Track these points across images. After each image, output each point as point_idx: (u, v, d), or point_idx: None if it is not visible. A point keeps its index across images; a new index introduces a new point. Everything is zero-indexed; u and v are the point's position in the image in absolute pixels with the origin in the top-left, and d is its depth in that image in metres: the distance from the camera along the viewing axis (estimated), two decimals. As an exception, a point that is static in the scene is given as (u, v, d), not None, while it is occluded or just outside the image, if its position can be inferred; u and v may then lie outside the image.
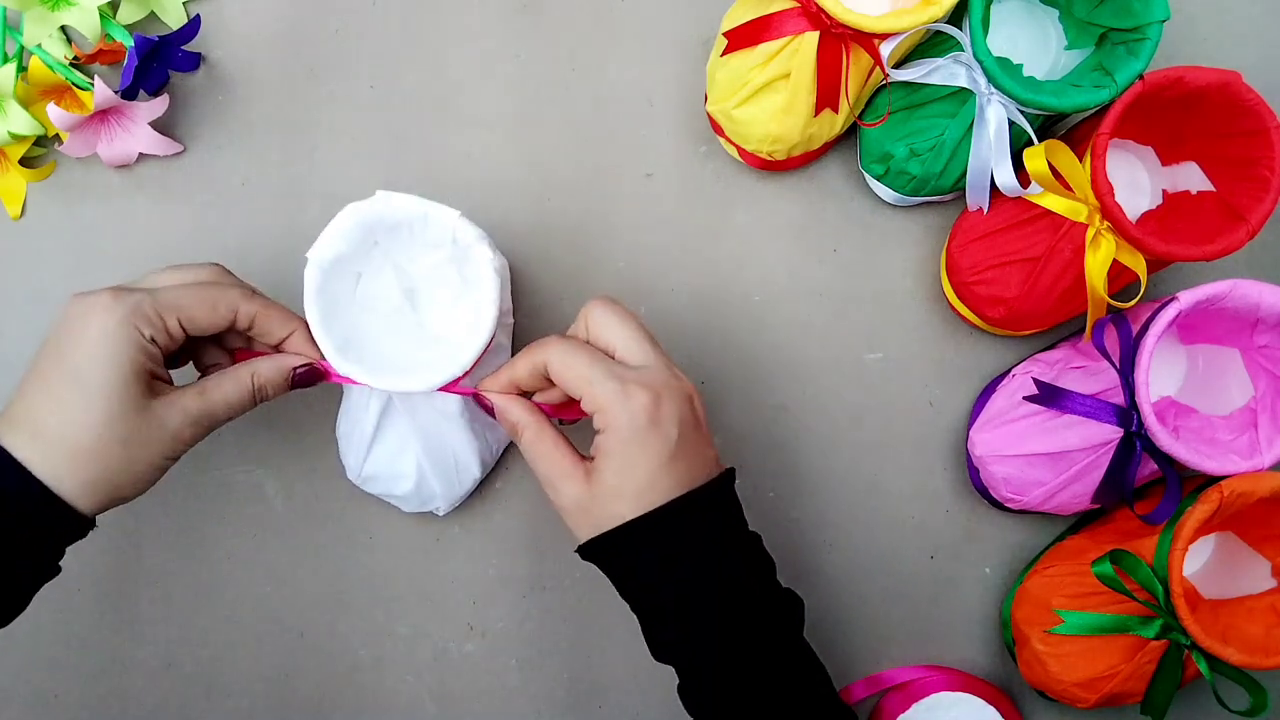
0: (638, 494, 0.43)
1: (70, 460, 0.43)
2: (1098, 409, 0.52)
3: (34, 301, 0.61)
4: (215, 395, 0.47)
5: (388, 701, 0.60)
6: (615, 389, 0.43)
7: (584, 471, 0.45)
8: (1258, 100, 0.48)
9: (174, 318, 0.45)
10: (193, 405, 0.46)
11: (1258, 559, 0.54)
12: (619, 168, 0.62)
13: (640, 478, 0.43)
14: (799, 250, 0.62)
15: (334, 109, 0.62)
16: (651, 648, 0.46)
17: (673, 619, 0.44)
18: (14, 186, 0.61)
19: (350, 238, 0.48)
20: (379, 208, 0.48)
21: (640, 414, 0.43)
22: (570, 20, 0.63)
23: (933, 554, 0.61)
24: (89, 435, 0.43)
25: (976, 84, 0.53)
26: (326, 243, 0.48)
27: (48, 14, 0.57)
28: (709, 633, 0.44)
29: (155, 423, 0.45)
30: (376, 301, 0.52)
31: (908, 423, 0.61)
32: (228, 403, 0.47)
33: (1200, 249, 0.49)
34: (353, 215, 0.48)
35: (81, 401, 0.43)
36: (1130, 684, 0.52)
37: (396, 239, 0.51)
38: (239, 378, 0.48)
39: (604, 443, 0.44)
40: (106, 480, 0.44)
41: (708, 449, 0.46)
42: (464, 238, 0.49)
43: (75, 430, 0.43)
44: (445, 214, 0.49)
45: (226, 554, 0.60)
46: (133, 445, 0.44)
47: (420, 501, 0.57)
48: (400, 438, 0.54)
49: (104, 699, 0.60)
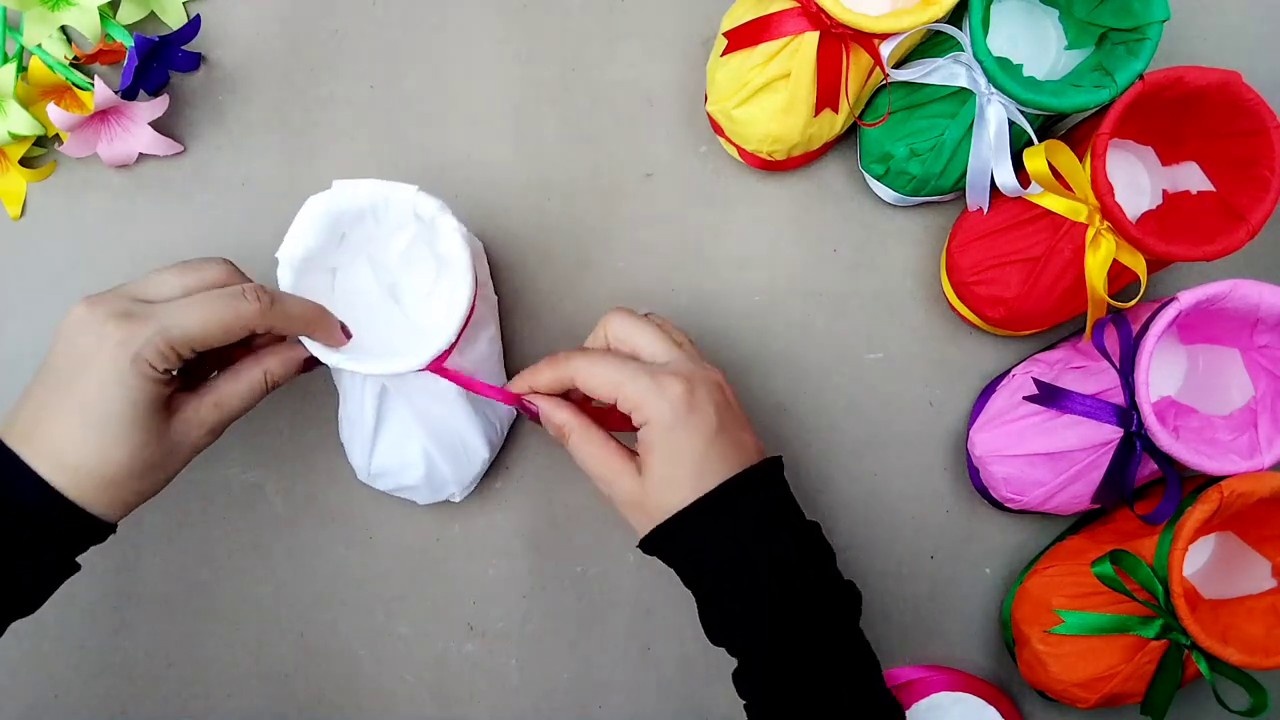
0: (688, 480, 0.44)
1: (99, 489, 0.44)
2: (1098, 409, 0.52)
3: (34, 301, 0.61)
4: (231, 402, 0.47)
5: (388, 701, 0.60)
6: (648, 383, 0.44)
7: (635, 466, 0.46)
8: (1258, 100, 0.48)
9: (187, 349, 0.44)
10: (209, 417, 0.47)
11: (1258, 559, 0.54)
12: (619, 168, 0.62)
13: (688, 464, 0.44)
14: (799, 250, 0.62)
15: (334, 109, 0.62)
16: (707, 630, 0.47)
17: (726, 600, 0.45)
18: (14, 186, 0.61)
19: (316, 231, 0.48)
20: (339, 196, 0.48)
21: (679, 402, 0.44)
22: (570, 20, 0.63)
23: (933, 554, 0.61)
24: (115, 469, 0.44)
25: (976, 84, 0.53)
26: (294, 240, 0.48)
27: (48, 14, 0.57)
28: (759, 615, 0.44)
29: (176, 442, 0.46)
30: (356, 297, 0.52)
31: (908, 423, 0.61)
32: (243, 403, 0.48)
33: (1200, 249, 0.49)
34: (314, 208, 0.48)
35: (102, 439, 0.43)
36: (1130, 684, 0.52)
37: (362, 227, 0.50)
38: (252, 379, 0.48)
39: (647, 436, 0.45)
40: (129, 499, 0.45)
41: (746, 433, 0.47)
42: (425, 211, 0.49)
43: (101, 465, 0.43)
44: (403, 191, 0.49)
45: (226, 554, 0.60)
46: (157, 468, 0.45)
47: (433, 490, 0.56)
48: (403, 425, 0.53)
49: (104, 699, 0.60)
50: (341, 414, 0.56)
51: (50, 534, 0.44)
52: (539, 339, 0.61)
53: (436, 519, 0.60)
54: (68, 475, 0.43)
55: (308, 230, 0.48)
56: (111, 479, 0.44)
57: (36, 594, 0.46)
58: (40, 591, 0.46)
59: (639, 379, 0.45)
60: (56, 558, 0.45)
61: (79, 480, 0.43)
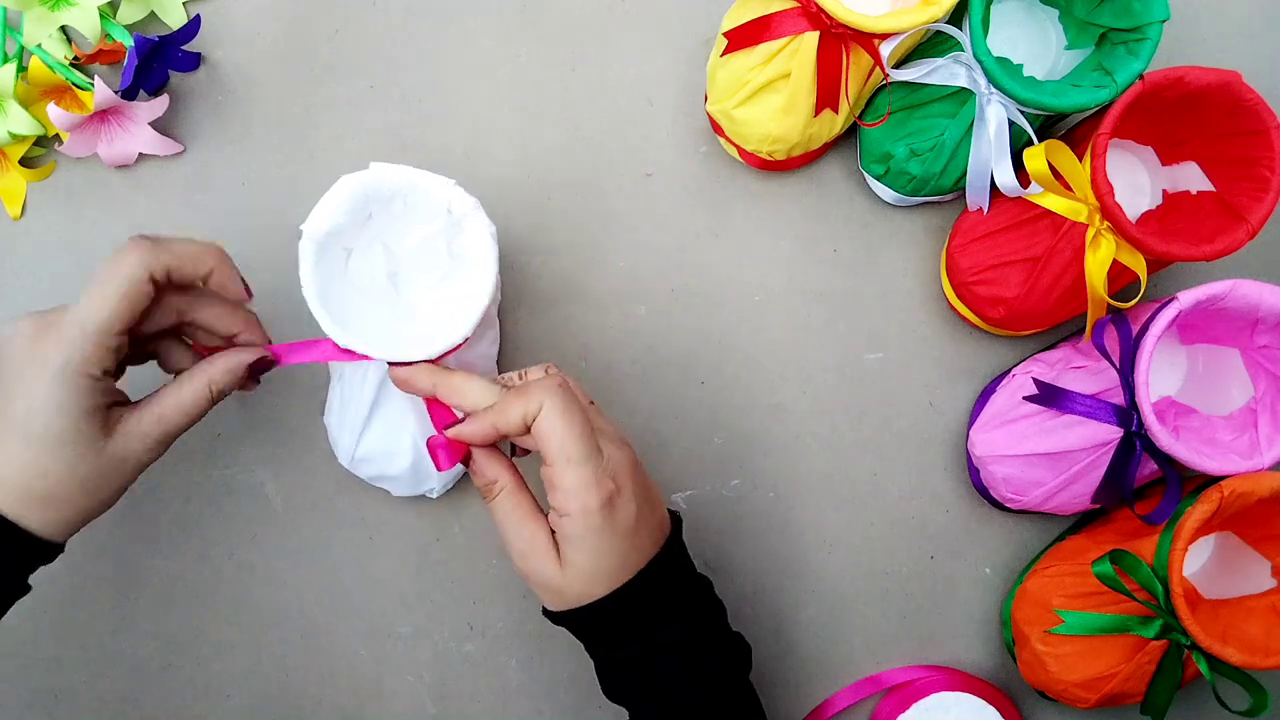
0: (608, 575, 0.44)
1: (34, 505, 0.42)
2: (1098, 409, 0.52)
3: (34, 301, 0.61)
4: (173, 415, 0.45)
5: (388, 701, 0.60)
6: (589, 478, 0.43)
7: (556, 551, 0.44)
8: (1258, 100, 0.48)
9: (110, 336, 0.42)
10: (152, 430, 0.45)
11: (1258, 559, 0.54)
12: (619, 168, 0.62)
13: (610, 562, 0.44)
14: (799, 250, 0.62)
15: (334, 109, 0.62)
16: (608, 691, 0.47)
17: (636, 668, 0.45)
18: (14, 186, 0.61)
19: (345, 210, 0.48)
20: (374, 178, 0.48)
21: (606, 504, 0.43)
22: (570, 20, 0.63)
23: (933, 554, 0.61)
24: (48, 484, 0.42)
25: (976, 84, 0.53)
26: (322, 215, 0.47)
27: (48, 14, 0.57)
28: (670, 678, 0.45)
29: (115, 457, 0.44)
30: (365, 280, 0.51)
31: (908, 423, 0.61)
32: (186, 416, 0.45)
33: (1200, 249, 0.49)
34: (347, 186, 0.47)
35: (38, 454, 0.42)
36: (1130, 684, 0.52)
37: (389, 212, 0.50)
38: (195, 388, 0.45)
39: (569, 529, 0.44)
40: (73, 518, 0.44)
41: (658, 508, 0.47)
42: (459, 207, 0.48)
43: (34, 481, 0.42)
44: (440, 183, 0.48)
45: (226, 554, 0.60)
46: (95, 483, 0.43)
47: (415, 482, 0.56)
48: (398, 414, 0.53)
49: (104, 699, 0.60)
50: (333, 396, 0.56)
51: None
52: (538, 339, 0.61)
53: (437, 519, 0.60)
54: (4, 492, 0.42)
55: (337, 208, 0.47)
56: (50, 495, 0.42)
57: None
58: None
59: (584, 468, 0.43)
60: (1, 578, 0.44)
61: (17, 497, 0.42)
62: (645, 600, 0.45)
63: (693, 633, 0.46)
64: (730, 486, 0.61)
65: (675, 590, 0.47)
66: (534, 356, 0.61)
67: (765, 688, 0.60)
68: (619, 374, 0.61)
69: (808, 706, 0.60)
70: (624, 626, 0.45)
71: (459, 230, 0.50)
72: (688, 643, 0.46)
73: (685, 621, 0.46)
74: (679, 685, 0.45)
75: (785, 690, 0.60)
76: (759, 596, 0.60)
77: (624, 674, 0.46)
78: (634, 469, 0.46)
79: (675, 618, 0.46)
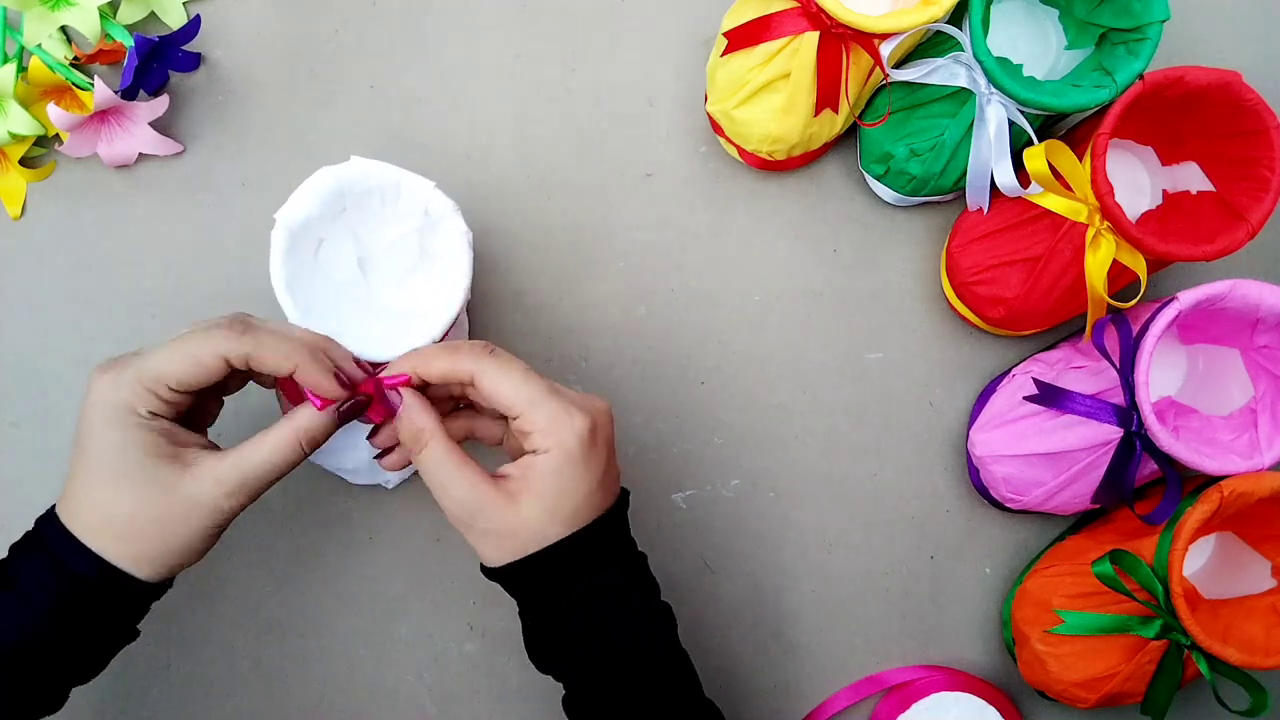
0: (569, 516, 0.44)
1: (116, 542, 0.43)
2: (1098, 409, 0.52)
3: (34, 301, 0.61)
4: (253, 460, 0.44)
5: (388, 701, 0.60)
6: (558, 410, 0.43)
7: (504, 493, 0.44)
8: (1258, 100, 0.48)
9: (163, 386, 0.43)
10: (227, 475, 0.44)
11: (1258, 559, 0.54)
12: (619, 167, 0.62)
13: (576, 500, 0.44)
14: (799, 250, 0.62)
15: (334, 109, 0.62)
16: (534, 657, 0.47)
17: (577, 615, 0.45)
18: (14, 186, 0.61)
19: (321, 201, 0.48)
20: (353, 172, 0.48)
21: (584, 436, 0.43)
22: (570, 20, 0.63)
23: (933, 554, 0.61)
24: (122, 521, 0.43)
25: (976, 84, 0.53)
26: (297, 204, 0.47)
27: (48, 14, 0.57)
28: (605, 645, 0.45)
29: (188, 498, 0.44)
30: (333, 269, 0.51)
31: (908, 423, 0.61)
32: (271, 464, 0.45)
33: (1200, 249, 0.49)
34: (326, 178, 0.48)
35: (105, 490, 0.43)
36: (1130, 684, 0.52)
37: (365, 207, 0.50)
38: (280, 436, 0.45)
39: (543, 464, 0.43)
40: (152, 556, 0.44)
41: (617, 469, 0.48)
42: (437, 209, 0.49)
43: (110, 518, 0.43)
44: (419, 184, 0.48)
45: (226, 554, 0.60)
46: (168, 523, 0.43)
47: (372, 474, 0.57)
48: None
49: (104, 699, 0.60)
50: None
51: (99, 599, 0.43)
52: (538, 338, 0.61)
53: (437, 519, 0.60)
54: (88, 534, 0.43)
55: (312, 199, 0.47)
56: (119, 532, 0.43)
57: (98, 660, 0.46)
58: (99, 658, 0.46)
59: (549, 403, 0.43)
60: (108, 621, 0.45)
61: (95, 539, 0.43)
62: (593, 552, 0.45)
63: (633, 581, 0.46)
64: (730, 486, 0.61)
65: (622, 544, 0.47)
66: (533, 357, 0.61)
67: (765, 688, 0.60)
68: (619, 374, 0.61)
69: (808, 706, 0.60)
70: (571, 572, 0.45)
71: (434, 231, 0.50)
72: (628, 588, 0.46)
73: (626, 570, 0.46)
74: (618, 627, 0.45)
75: (785, 690, 0.60)
76: (759, 596, 0.60)
77: (563, 623, 0.45)
78: (608, 416, 0.46)
79: (618, 563, 0.46)
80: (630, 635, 0.45)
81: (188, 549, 0.45)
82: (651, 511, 0.60)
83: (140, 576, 0.44)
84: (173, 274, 0.61)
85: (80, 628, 0.44)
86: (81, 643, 0.44)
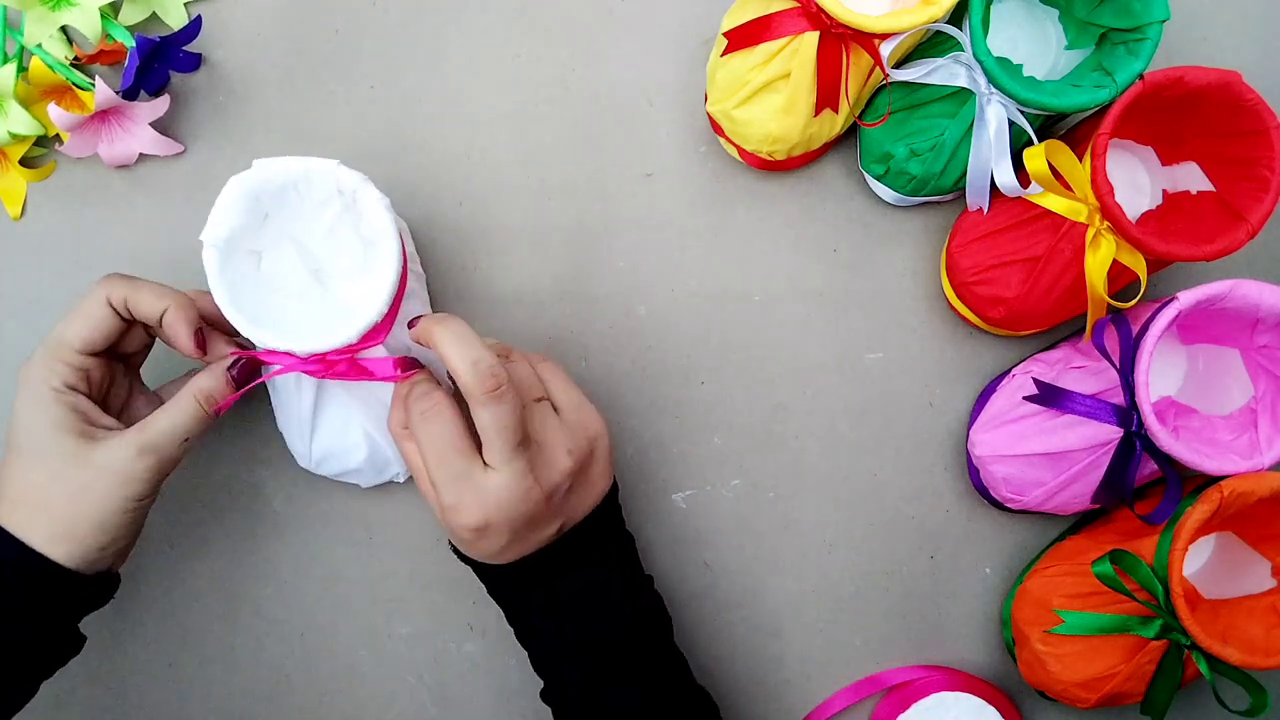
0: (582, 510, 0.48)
1: (30, 517, 0.45)
2: (1098, 409, 0.52)
3: (34, 301, 0.61)
4: (158, 425, 0.47)
5: (388, 701, 0.60)
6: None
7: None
8: (1258, 100, 0.48)
9: (67, 350, 0.46)
10: (134, 439, 0.46)
11: (1258, 559, 0.54)
12: (619, 168, 0.62)
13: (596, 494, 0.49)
14: (799, 250, 0.62)
15: (334, 109, 0.62)
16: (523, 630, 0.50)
17: (574, 621, 0.47)
18: (14, 186, 0.61)
19: (239, 211, 0.48)
20: (259, 174, 0.48)
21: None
22: (570, 20, 0.63)
23: (933, 554, 0.61)
24: (41, 494, 0.45)
25: (976, 84, 0.53)
26: (216, 221, 0.48)
27: (49, 14, 0.57)
28: (602, 636, 0.47)
29: (99, 468, 0.45)
30: (283, 281, 0.52)
31: (908, 423, 0.61)
32: (174, 426, 0.47)
33: (1200, 249, 0.49)
34: (236, 188, 0.48)
35: (23, 465, 0.45)
36: (1130, 684, 0.52)
37: (285, 206, 0.50)
38: (180, 399, 0.48)
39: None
40: (70, 533, 0.45)
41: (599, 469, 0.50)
42: (347, 184, 0.49)
43: (22, 492, 0.45)
44: (323, 165, 0.49)
45: (227, 554, 0.60)
46: (82, 495, 0.45)
47: (376, 472, 0.57)
48: (342, 410, 0.53)
49: (104, 699, 0.60)
50: (275, 403, 0.56)
51: (29, 589, 0.44)
52: (538, 339, 0.61)
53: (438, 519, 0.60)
54: (15, 514, 0.45)
55: (229, 210, 0.48)
56: (38, 505, 0.45)
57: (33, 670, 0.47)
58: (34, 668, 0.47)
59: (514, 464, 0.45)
60: (36, 618, 0.45)
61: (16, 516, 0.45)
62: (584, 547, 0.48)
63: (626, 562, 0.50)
64: (730, 486, 0.61)
65: (617, 538, 0.50)
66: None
67: (765, 688, 0.60)
68: (619, 374, 0.61)
69: (808, 706, 0.60)
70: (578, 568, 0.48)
71: (360, 214, 0.50)
72: (627, 564, 0.49)
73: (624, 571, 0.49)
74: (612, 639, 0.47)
75: (785, 690, 0.60)
76: (759, 596, 0.60)
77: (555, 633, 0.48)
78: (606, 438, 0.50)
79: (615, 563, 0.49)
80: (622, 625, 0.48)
81: (104, 524, 0.46)
82: (651, 511, 0.60)
83: (57, 559, 0.45)
84: (173, 274, 0.61)
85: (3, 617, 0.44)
86: (6, 638, 0.44)
